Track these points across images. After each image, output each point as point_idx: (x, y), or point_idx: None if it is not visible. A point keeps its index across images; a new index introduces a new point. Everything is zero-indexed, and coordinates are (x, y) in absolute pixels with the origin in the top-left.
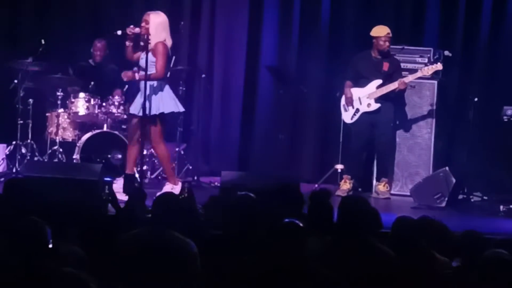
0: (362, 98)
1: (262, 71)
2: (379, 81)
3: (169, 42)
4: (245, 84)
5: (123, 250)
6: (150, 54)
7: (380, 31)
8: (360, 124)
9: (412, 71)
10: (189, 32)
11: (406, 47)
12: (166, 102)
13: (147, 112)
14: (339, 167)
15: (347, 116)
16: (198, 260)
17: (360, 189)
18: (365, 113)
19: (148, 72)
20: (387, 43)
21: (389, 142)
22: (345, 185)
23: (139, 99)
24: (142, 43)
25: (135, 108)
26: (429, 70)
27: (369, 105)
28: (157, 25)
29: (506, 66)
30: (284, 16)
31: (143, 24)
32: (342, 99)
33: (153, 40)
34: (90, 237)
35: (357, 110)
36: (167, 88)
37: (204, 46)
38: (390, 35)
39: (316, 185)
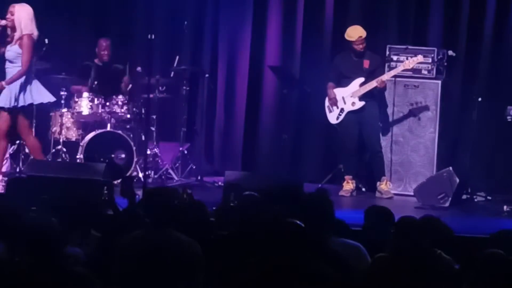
0: (346, 98)
1: (266, 71)
2: (362, 79)
3: (35, 34)
4: (249, 84)
5: (125, 250)
6: (16, 46)
7: (352, 35)
8: (347, 124)
9: (416, 71)
10: (193, 32)
11: (409, 47)
12: (34, 93)
13: (16, 104)
14: (342, 167)
15: (332, 117)
16: (203, 261)
17: (364, 189)
18: (350, 112)
19: (15, 65)
20: (361, 45)
21: (379, 139)
22: (348, 186)
23: (6, 92)
24: (9, 35)
25: (2, 101)
26: (410, 63)
27: (353, 103)
28: (23, 17)
29: (510, 66)
30: (288, 16)
31: (8, 16)
32: (326, 100)
33: (19, 33)
34: (92, 237)
35: (342, 110)
36: (34, 80)
37: (208, 46)
38: (364, 36)
39: (320, 185)
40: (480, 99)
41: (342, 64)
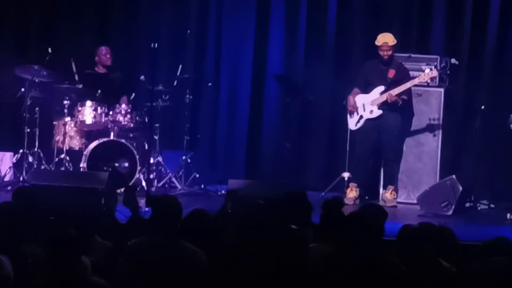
0: (366, 105)
1: (269, 80)
2: (382, 88)
3: None
4: (252, 93)
5: (128, 259)
6: None
7: (379, 39)
8: (364, 131)
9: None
10: (196, 41)
11: (412, 55)
12: None
13: None
14: (346, 175)
15: (352, 123)
16: (207, 269)
17: (367, 197)
18: (369, 119)
19: None
20: (387, 52)
21: (394, 149)
22: (352, 193)
23: None
24: None
25: None
26: (425, 76)
27: (371, 111)
28: None
29: None
30: (291, 24)
31: None
32: (348, 106)
33: None
34: (96, 245)
35: (361, 116)
36: None
37: (210, 54)
38: (390, 43)
39: (323, 193)
40: (483, 107)
41: (368, 71)
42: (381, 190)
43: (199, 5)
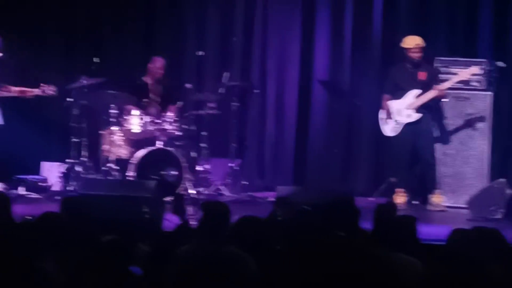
0: (402, 110)
1: (315, 86)
2: (418, 91)
3: None
4: (299, 99)
5: (177, 266)
6: None
7: (409, 42)
8: (402, 136)
9: (467, 83)
10: (242, 48)
11: (459, 59)
12: None
13: None
14: (393, 180)
15: (388, 129)
16: (256, 276)
17: (415, 202)
18: (406, 124)
19: None
20: (417, 54)
21: (433, 153)
22: (399, 199)
23: None
24: None
25: None
26: (466, 73)
27: (409, 116)
28: None
29: None
30: (336, 29)
31: None
32: (380, 112)
33: None
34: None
35: (398, 122)
36: None
37: (257, 61)
38: (421, 45)
39: (371, 199)
40: None
41: (397, 76)
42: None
43: (244, 12)
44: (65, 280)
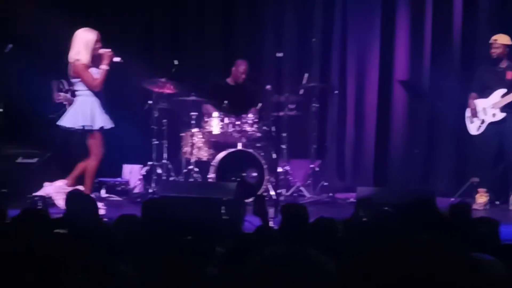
0: (487, 109)
1: (395, 86)
2: (503, 90)
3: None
4: (378, 99)
5: (256, 268)
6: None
7: (492, 38)
8: (487, 136)
9: None
10: (321, 49)
11: None
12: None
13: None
14: (475, 180)
15: (473, 128)
16: (335, 278)
17: (497, 202)
18: (491, 123)
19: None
20: (493, 50)
21: None
22: (481, 199)
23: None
24: None
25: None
26: None
27: (494, 115)
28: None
29: None
30: (416, 30)
31: None
32: (466, 111)
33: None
34: (227, 257)
35: (483, 121)
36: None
37: (336, 62)
38: (498, 41)
39: (452, 199)
40: None
41: (484, 75)
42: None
43: (324, 13)
44: (142, 282)
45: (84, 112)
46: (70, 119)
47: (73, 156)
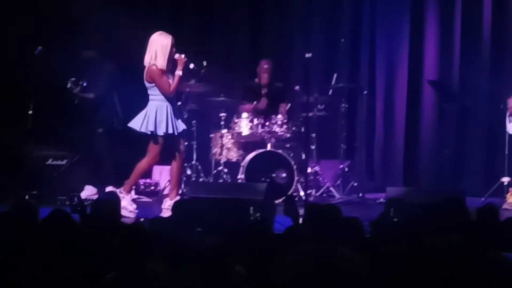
0: None
1: (425, 86)
2: None
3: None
4: (408, 99)
5: (287, 267)
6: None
7: None
8: None
9: None
10: (350, 49)
11: None
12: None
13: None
14: (506, 179)
15: (510, 127)
16: (366, 277)
17: None
18: None
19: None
20: None
21: None
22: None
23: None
24: None
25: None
26: None
27: None
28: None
29: None
30: (445, 29)
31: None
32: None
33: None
34: (255, 257)
35: None
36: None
37: (365, 62)
38: None
39: (483, 199)
40: None
41: None
42: None
43: (352, 13)
44: (174, 281)
45: (151, 117)
46: (138, 123)
47: (101, 159)
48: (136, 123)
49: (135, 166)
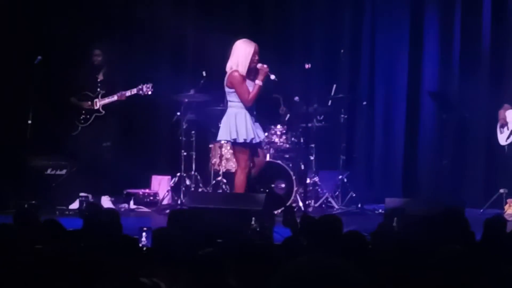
0: None
1: (424, 97)
2: None
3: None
4: (407, 110)
5: (286, 278)
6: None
7: None
8: None
9: None
10: (350, 60)
11: None
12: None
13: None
14: (504, 191)
15: (502, 138)
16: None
17: None
18: None
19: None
20: None
21: None
22: (510, 209)
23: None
24: None
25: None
26: None
27: None
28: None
29: None
30: (445, 40)
31: None
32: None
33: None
34: (250, 268)
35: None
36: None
37: (364, 73)
38: None
39: (481, 210)
40: None
41: None
42: None
43: (352, 24)
44: None
45: (232, 124)
46: (224, 133)
47: (100, 170)
48: (223, 135)
49: (136, 176)
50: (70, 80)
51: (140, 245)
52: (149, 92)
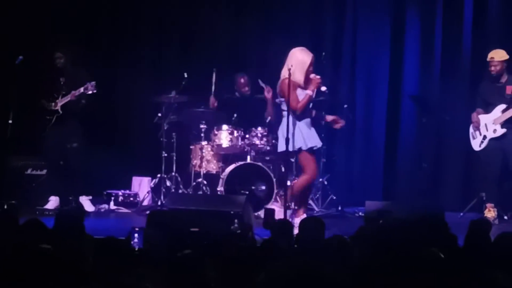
0: (488, 124)
1: (405, 100)
2: (503, 106)
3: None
4: (388, 114)
5: (266, 281)
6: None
7: (488, 56)
8: (489, 151)
9: None
10: (331, 63)
11: None
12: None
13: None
14: (483, 195)
15: (475, 144)
16: None
17: (506, 217)
18: (493, 139)
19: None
20: (493, 68)
21: None
22: (489, 213)
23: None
24: None
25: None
26: None
27: (495, 131)
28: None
29: None
30: (426, 44)
31: None
32: (470, 127)
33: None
34: (230, 269)
35: (485, 136)
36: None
37: (345, 76)
38: (495, 58)
39: (461, 214)
40: None
41: (486, 91)
42: None
43: (333, 27)
44: None
45: (303, 132)
46: (282, 145)
47: (71, 172)
48: (282, 146)
49: (116, 177)
50: (38, 83)
51: (132, 244)
52: (94, 91)
